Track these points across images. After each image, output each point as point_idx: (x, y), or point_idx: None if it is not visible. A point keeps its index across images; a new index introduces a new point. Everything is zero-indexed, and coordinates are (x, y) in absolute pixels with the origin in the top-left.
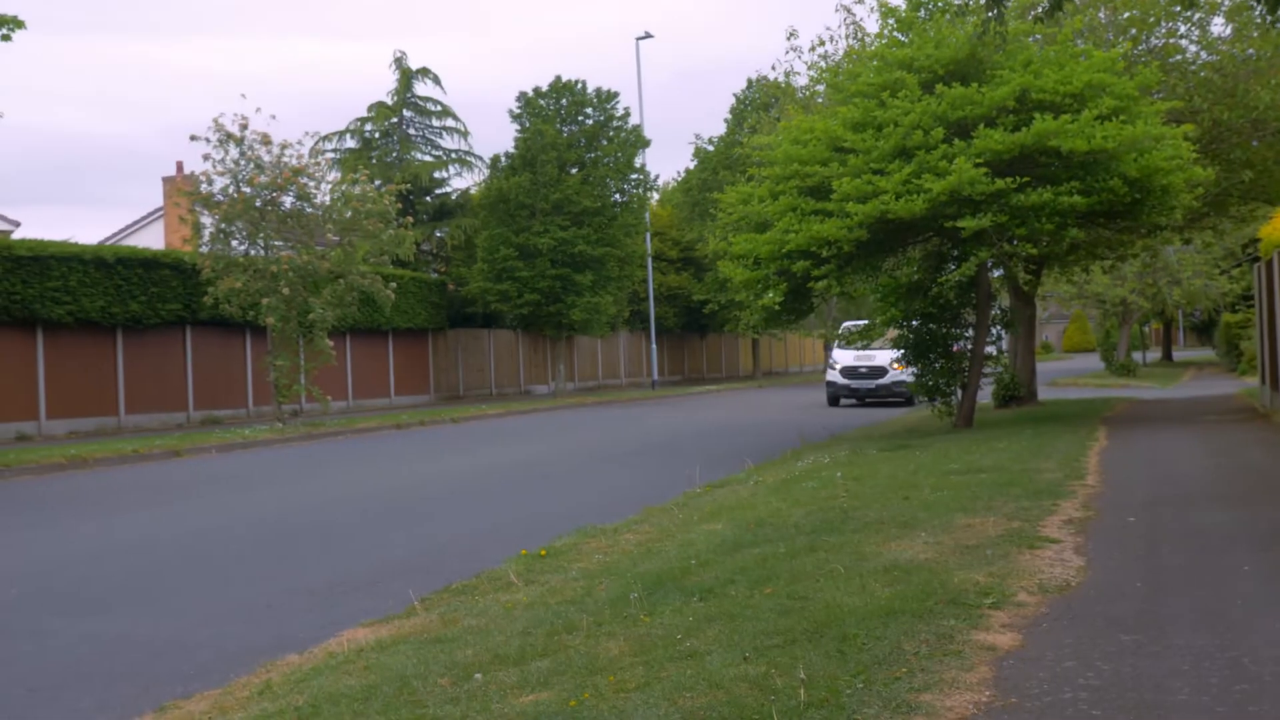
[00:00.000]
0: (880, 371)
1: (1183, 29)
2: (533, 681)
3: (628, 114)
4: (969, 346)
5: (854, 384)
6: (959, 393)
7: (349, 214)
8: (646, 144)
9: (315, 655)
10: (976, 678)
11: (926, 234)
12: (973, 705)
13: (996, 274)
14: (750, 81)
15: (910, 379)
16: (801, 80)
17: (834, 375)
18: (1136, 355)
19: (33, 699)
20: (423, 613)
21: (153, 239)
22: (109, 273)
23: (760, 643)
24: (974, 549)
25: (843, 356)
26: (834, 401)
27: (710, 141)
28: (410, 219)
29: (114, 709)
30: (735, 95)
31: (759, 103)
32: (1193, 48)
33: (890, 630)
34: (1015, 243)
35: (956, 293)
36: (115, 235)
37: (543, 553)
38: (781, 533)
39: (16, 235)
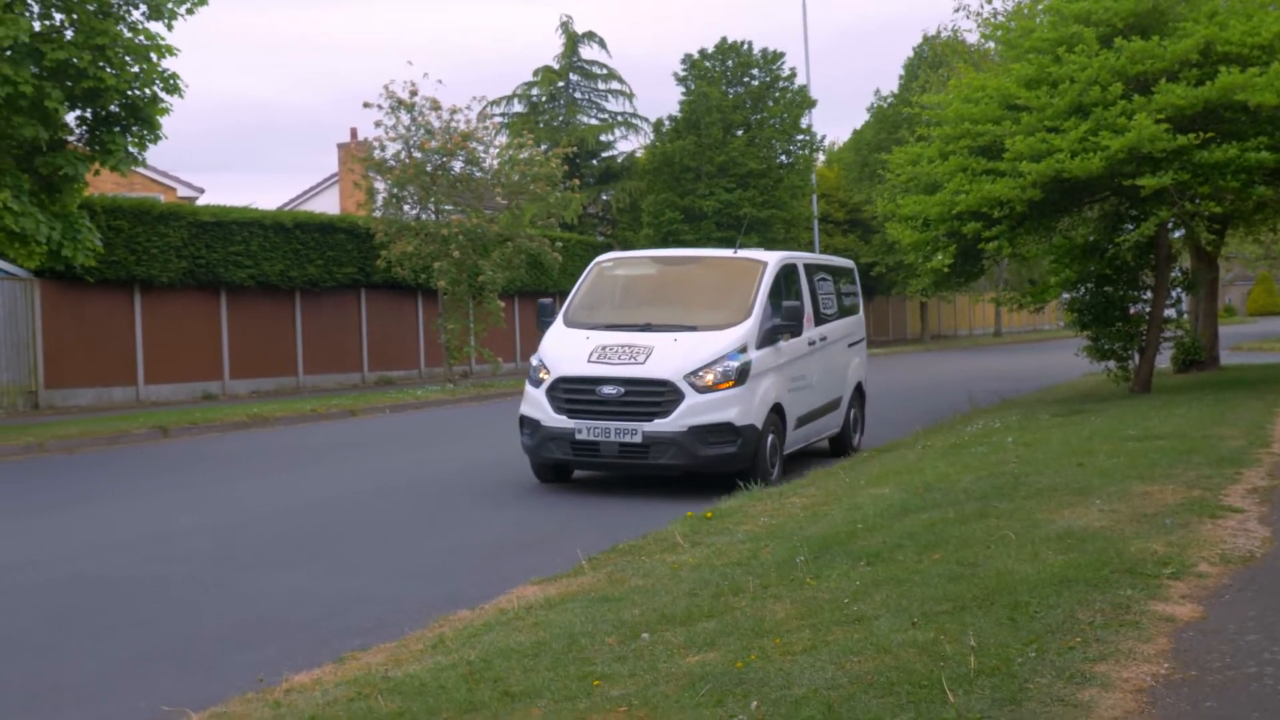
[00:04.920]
0: (665, 395)
1: None
2: (699, 642)
3: (793, 74)
4: (1147, 309)
5: (588, 426)
6: (1136, 357)
7: (516, 177)
8: (812, 104)
9: (486, 611)
10: (1154, 649)
11: (1103, 193)
12: (1150, 677)
13: (1177, 234)
14: (925, 37)
15: (742, 418)
16: (972, 37)
17: (538, 403)
18: None
19: (220, 647)
20: (590, 572)
21: (328, 204)
22: (287, 237)
23: (929, 608)
24: (1152, 517)
25: (565, 353)
26: (550, 471)
27: (887, 99)
28: (576, 182)
29: (296, 658)
30: (914, 49)
31: (931, 60)
32: None
33: (1064, 599)
34: (1198, 201)
35: (1134, 254)
36: (293, 201)
37: (709, 515)
38: (950, 498)
39: (201, 202)
